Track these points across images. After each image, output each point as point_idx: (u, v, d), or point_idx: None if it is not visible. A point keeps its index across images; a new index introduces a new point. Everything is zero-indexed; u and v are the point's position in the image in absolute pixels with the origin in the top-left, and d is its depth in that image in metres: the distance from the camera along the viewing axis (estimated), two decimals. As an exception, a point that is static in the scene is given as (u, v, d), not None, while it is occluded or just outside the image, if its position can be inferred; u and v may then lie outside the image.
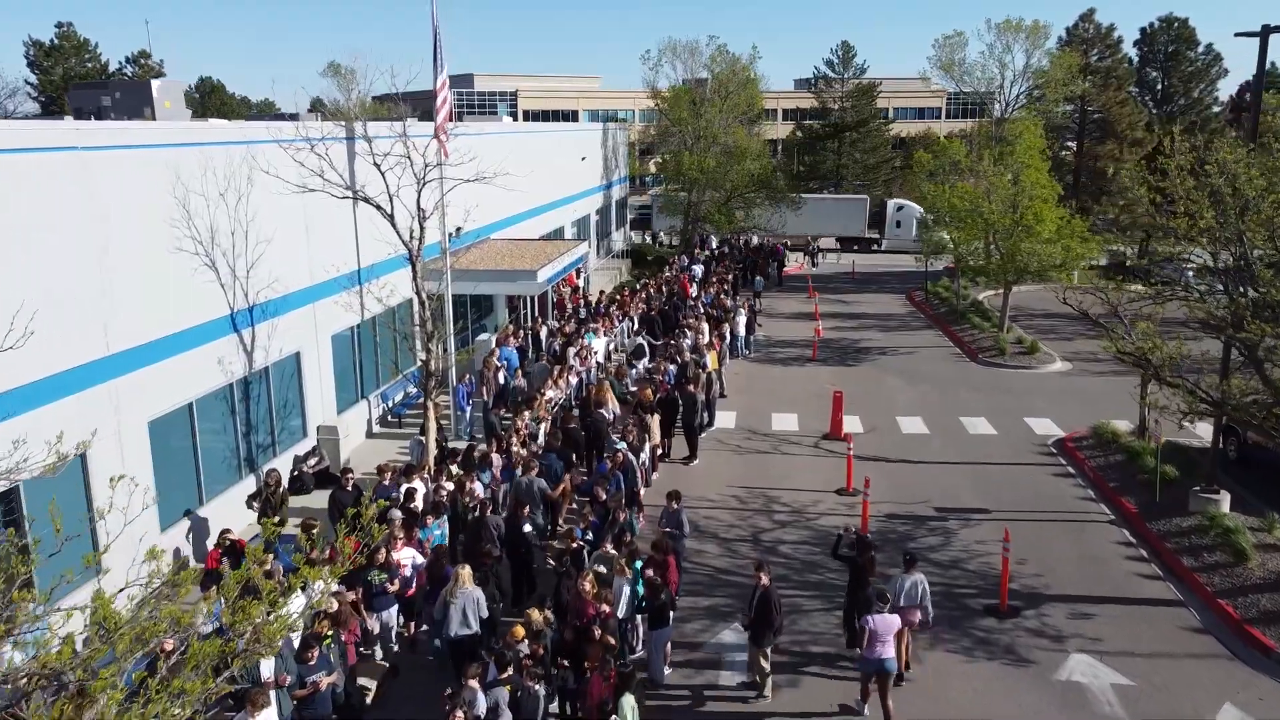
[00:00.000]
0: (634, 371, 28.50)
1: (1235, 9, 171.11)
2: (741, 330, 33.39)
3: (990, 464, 22.50)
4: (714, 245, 59.12)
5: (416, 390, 25.91)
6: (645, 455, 20.09)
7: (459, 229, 28.70)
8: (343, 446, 21.03)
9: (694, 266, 48.03)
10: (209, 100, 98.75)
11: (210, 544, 15.38)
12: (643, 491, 19.43)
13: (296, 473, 19.72)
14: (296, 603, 7.30)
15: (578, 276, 38.59)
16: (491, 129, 36.18)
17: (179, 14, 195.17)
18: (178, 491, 16.35)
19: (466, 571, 12.96)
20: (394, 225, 17.22)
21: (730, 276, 43.65)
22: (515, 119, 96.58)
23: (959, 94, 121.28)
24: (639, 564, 13.56)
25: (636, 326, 32.76)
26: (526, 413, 19.92)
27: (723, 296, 38.69)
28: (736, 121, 55.45)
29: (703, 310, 34.22)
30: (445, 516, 15.17)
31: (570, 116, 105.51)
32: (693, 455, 22.65)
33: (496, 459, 17.77)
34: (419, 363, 18.24)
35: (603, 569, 13.75)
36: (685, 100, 53.98)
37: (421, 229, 17.52)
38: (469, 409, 23.03)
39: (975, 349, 34.27)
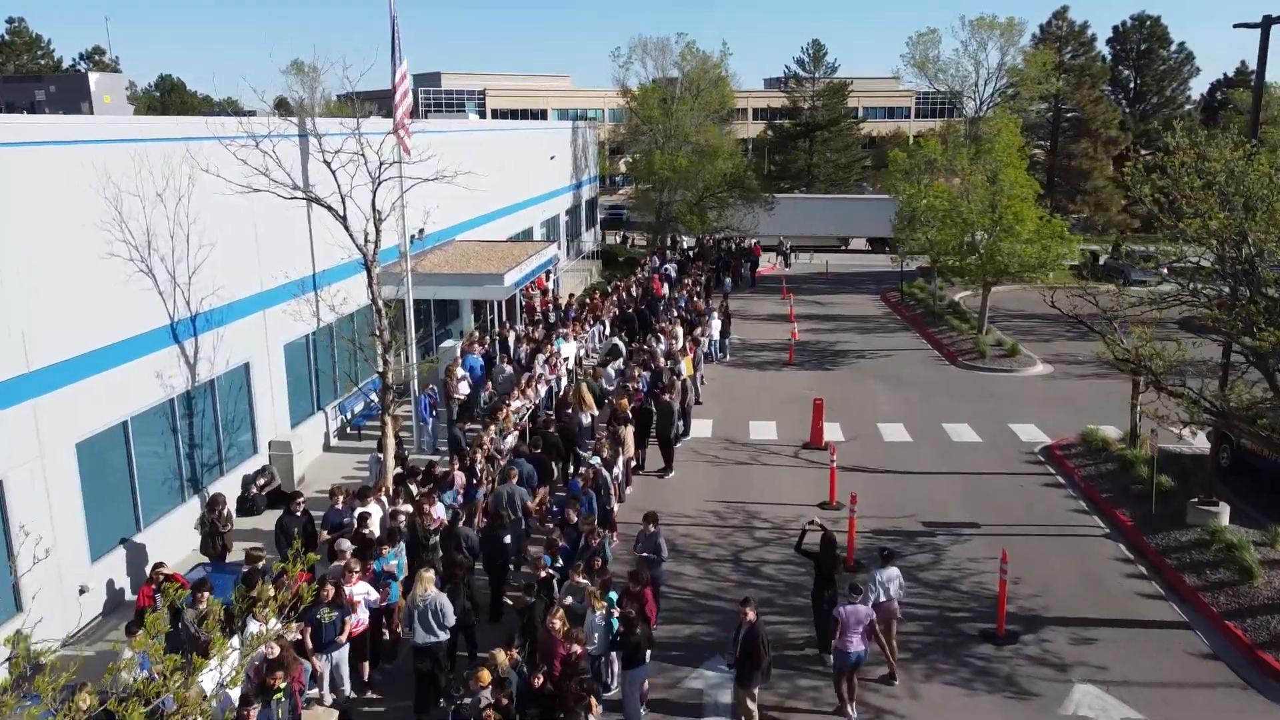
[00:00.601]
0: (609, 372, 27.53)
1: (1205, 6, 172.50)
2: (716, 334, 32.39)
3: (977, 474, 21.64)
4: (684, 246, 58.20)
5: (377, 401, 24.70)
6: (619, 469, 19.02)
7: (422, 230, 27.52)
8: (296, 463, 19.77)
9: (667, 266, 47.12)
10: (169, 99, 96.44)
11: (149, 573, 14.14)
12: (616, 509, 18.38)
13: (246, 493, 18.44)
14: (208, 679, 6.19)
15: (547, 279, 37.46)
16: (455, 126, 34.96)
17: (142, 12, 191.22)
18: (112, 518, 15.04)
19: (429, 575, 12.27)
20: (346, 228, 16.01)
21: (704, 278, 42.73)
22: (484, 118, 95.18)
23: (928, 94, 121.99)
24: (613, 595, 12.48)
25: (609, 330, 31.72)
26: (492, 426, 18.75)
27: (696, 299, 37.72)
28: (708, 120, 54.55)
29: (677, 314, 33.23)
30: (402, 544, 13.97)
31: (540, 116, 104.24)
32: (668, 468, 21.61)
33: (459, 477, 16.62)
34: (376, 373, 17.03)
35: (573, 601, 12.67)
36: (655, 98, 53.00)
37: (377, 231, 16.32)
38: (431, 421, 21.83)
39: (954, 352, 33.53)
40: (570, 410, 21.63)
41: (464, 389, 22.90)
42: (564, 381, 24.75)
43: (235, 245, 18.24)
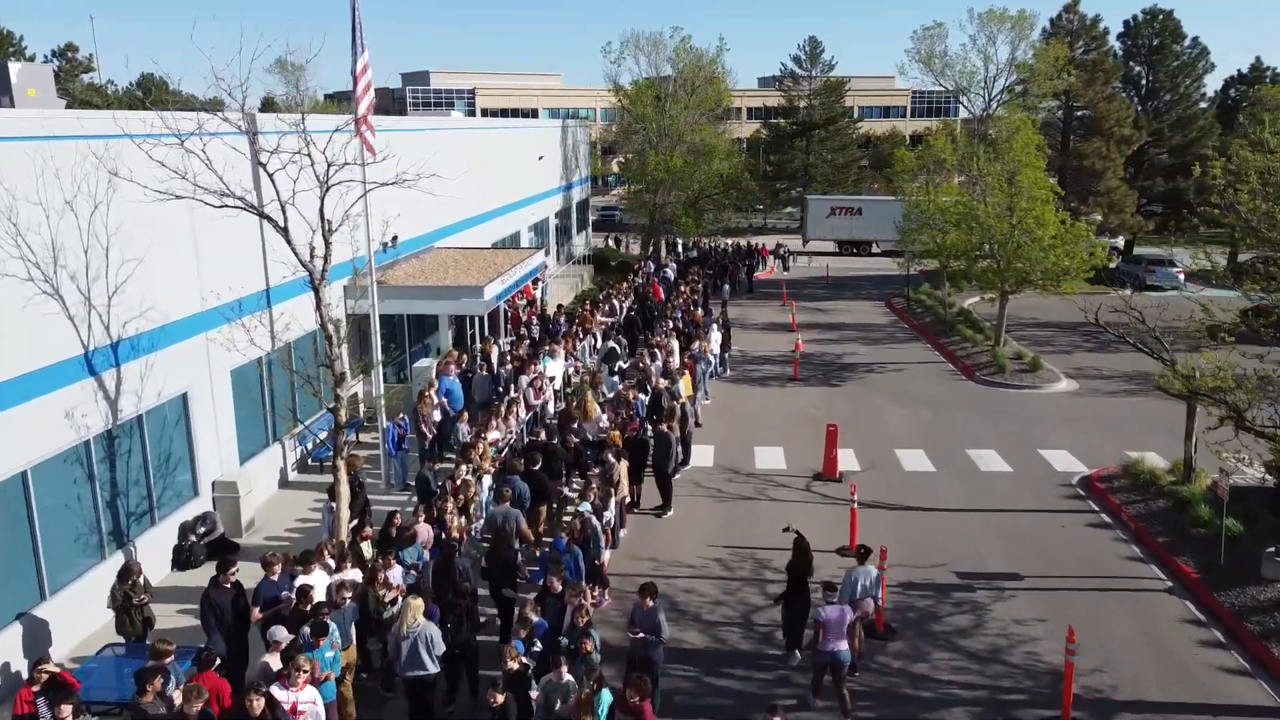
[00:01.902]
0: (609, 378, 25.56)
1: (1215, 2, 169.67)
2: (715, 348, 29.90)
3: (1011, 511, 19.35)
4: (681, 251, 56.02)
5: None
6: (611, 513, 16.68)
7: (395, 238, 25.17)
8: (244, 505, 17.38)
9: (666, 269, 44.96)
10: (151, 98, 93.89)
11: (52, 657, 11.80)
12: (608, 558, 16.08)
13: (183, 543, 16.06)
14: None
15: (535, 286, 35.11)
16: (429, 124, 32.46)
17: (130, 10, 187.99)
18: (7, 588, 12.64)
19: (417, 603, 11.30)
20: (288, 240, 13.59)
21: (700, 285, 40.22)
22: (474, 117, 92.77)
23: (924, 92, 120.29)
24: (606, 697, 10.11)
25: (600, 342, 29.45)
26: (464, 466, 16.36)
27: (694, 308, 35.38)
28: (703, 118, 52.28)
29: (673, 325, 30.87)
30: (336, 630, 11.48)
31: (530, 115, 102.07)
32: (666, 505, 19.27)
33: (425, 530, 14.25)
34: (328, 409, 14.60)
35: (550, 695, 10.34)
36: (649, 96, 50.69)
37: (326, 244, 13.94)
38: (401, 454, 19.43)
39: (971, 366, 31.25)
40: (576, 424, 19.91)
41: (438, 416, 20.55)
42: (550, 407, 22.41)
43: (169, 259, 15.85)
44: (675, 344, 27.63)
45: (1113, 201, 47.64)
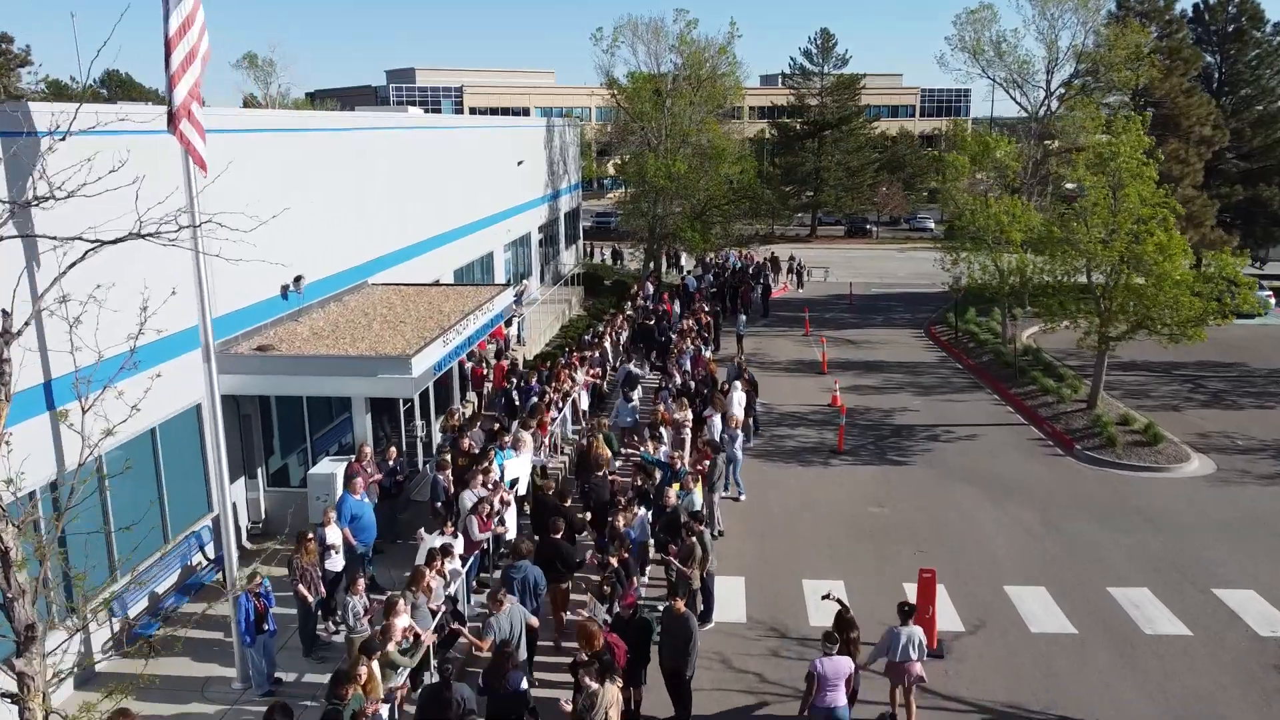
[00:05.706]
0: (628, 405, 21.44)
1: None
2: (738, 409, 22.23)
3: (1226, 728, 12.32)
4: (693, 266, 49.29)
5: (205, 566, 15.31)
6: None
7: (299, 278, 18.27)
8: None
9: (688, 278, 38.51)
10: (115, 95, 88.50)
11: None
12: None
13: None
14: None
15: (508, 326, 28.13)
16: (345, 121, 24.88)
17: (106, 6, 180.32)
18: None
19: None
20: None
21: (706, 319, 32.65)
22: (458, 115, 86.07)
23: (933, 90, 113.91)
24: None
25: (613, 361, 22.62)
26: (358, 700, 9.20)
27: (704, 349, 28.34)
28: (711, 115, 45.34)
29: (680, 381, 23.72)
30: None
31: (522, 114, 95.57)
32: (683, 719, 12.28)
33: None
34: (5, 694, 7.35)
35: None
36: (647, 90, 43.70)
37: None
38: (261, 640, 12.24)
39: (1064, 433, 24.19)
40: (601, 472, 16.97)
41: (338, 561, 13.56)
42: (512, 533, 15.31)
43: None
44: (689, 413, 20.60)
45: (1191, 213, 40.57)
